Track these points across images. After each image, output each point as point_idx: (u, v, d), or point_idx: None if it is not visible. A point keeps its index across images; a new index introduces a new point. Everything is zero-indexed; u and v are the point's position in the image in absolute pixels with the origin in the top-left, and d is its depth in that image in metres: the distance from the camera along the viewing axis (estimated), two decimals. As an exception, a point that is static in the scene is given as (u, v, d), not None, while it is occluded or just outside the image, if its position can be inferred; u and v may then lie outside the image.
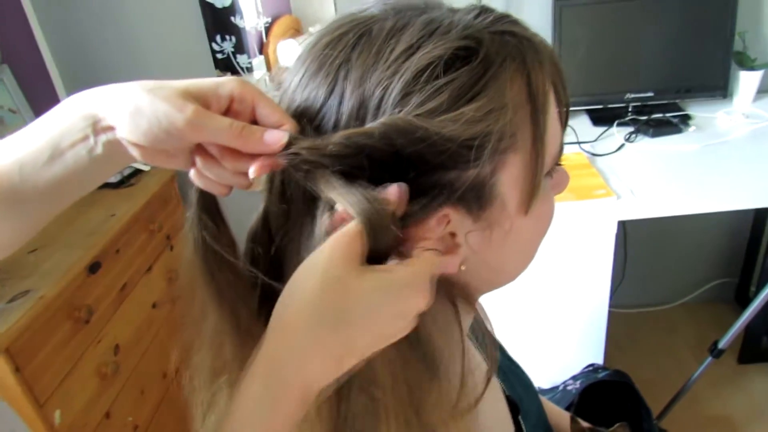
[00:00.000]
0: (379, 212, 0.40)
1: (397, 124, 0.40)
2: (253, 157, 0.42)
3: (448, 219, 0.44)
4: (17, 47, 1.85)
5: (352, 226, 0.40)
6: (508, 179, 0.45)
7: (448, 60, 0.41)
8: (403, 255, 0.42)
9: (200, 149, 0.44)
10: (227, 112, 0.43)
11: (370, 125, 0.41)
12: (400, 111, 0.41)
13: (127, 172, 1.85)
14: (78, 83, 2.02)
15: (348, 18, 0.46)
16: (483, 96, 0.42)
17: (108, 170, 0.46)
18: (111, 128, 0.42)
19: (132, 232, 1.65)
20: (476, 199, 0.44)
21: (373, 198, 0.40)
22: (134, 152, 0.43)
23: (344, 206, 0.40)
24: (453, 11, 0.46)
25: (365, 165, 0.41)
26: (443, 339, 0.46)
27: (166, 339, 1.78)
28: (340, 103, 0.43)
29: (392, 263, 0.41)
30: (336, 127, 0.43)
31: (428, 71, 0.41)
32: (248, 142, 0.41)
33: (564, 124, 0.50)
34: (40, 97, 1.89)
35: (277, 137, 0.41)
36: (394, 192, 0.41)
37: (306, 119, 0.44)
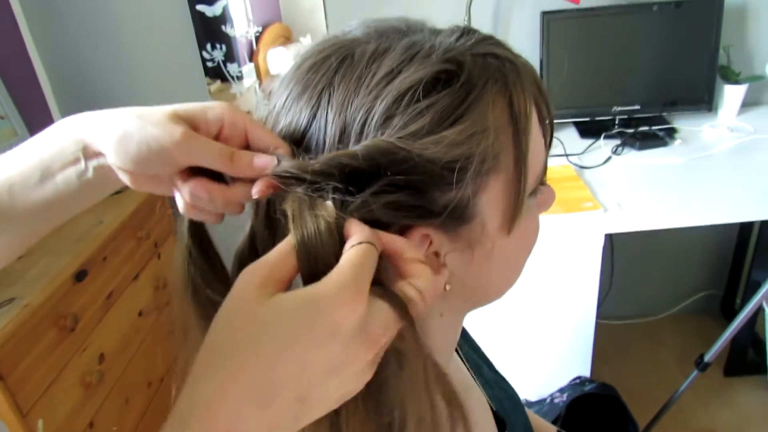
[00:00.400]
0: (316, 240, 0.38)
1: (379, 146, 0.40)
2: (245, 182, 0.43)
3: (430, 239, 0.44)
4: (6, 52, 1.85)
5: (274, 251, 0.38)
6: (490, 200, 0.45)
7: (429, 83, 0.41)
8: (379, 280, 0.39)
9: (190, 176, 0.44)
10: (218, 137, 0.43)
11: (354, 148, 0.41)
12: (382, 134, 0.41)
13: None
14: (68, 88, 2.02)
15: (331, 41, 0.46)
16: (465, 119, 0.42)
17: (98, 193, 0.46)
18: (101, 154, 0.42)
19: (120, 239, 1.64)
20: (456, 220, 0.44)
21: (318, 226, 0.38)
22: (124, 178, 0.43)
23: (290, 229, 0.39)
24: (435, 33, 0.46)
25: (348, 184, 0.41)
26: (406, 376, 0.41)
27: (151, 347, 1.76)
28: (324, 126, 0.43)
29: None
30: (321, 149, 0.43)
31: (409, 94, 0.41)
32: (237, 167, 0.41)
33: (548, 144, 0.50)
34: (29, 104, 1.88)
35: (265, 161, 0.41)
36: (356, 236, 0.38)
37: (291, 141, 0.45)
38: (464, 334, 0.79)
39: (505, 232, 0.47)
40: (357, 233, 0.38)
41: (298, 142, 0.44)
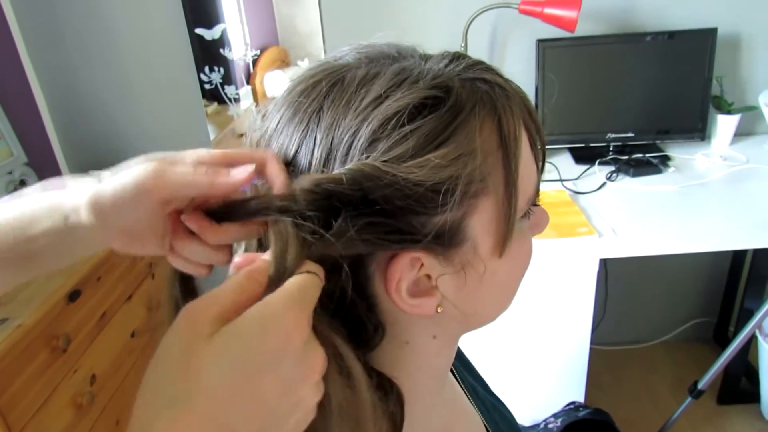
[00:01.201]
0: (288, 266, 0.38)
1: (363, 170, 0.40)
2: (229, 230, 0.43)
3: (421, 262, 0.44)
4: (3, 72, 1.85)
5: (227, 288, 0.37)
6: (480, 223, 0.45)
7: (415, 108, 0.42)
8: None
9: (174, 225, 0.44)
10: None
11: (338, 171, 0.41)
12: (367, 157, 0.41)
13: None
14: (65, 109, 2.02)
15: (323, 66, 0.47)
16: (451, 142, 0.42)
17: (81, 252, 0.46)
18: (80, 223, 0.43)
19: (114, 259, 1.64)
20: (447, 243, 0.44)
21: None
22: (106, 242, 0.44)
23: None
24: (425, 59, 0.47)
25: (331, 208, 0.41)
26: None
27: (143, 369, 1.74)
28: (312, 149, 0.43)
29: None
30: (307, 172, 0.44)
31: (395, 119, 0.41)
32: (215, 180, 0.41)
33: (540, 167, 0.50)
34: (26, 124, 1.89)
35: (243, 170, 0.41)
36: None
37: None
38: (460, 356, 0.79)
39: (497, 254, 0.47)
40: (307, 264, 0.39)
41: (288, 164, 0.44)
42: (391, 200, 0.41)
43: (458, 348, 0.71)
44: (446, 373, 0.59)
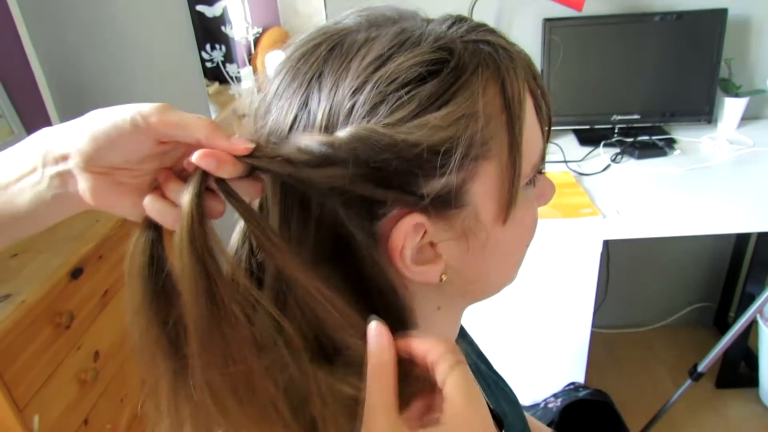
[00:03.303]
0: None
1: (361, 134, 0.40)
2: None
3: (424, 229, 0.44)
4: (3, 51, 1.84)
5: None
6: (482, 188, 0.45)
7: (417, 70, 0.41)
8: None
9: (167, 173, 0.42)
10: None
11: (336, 135, 0.40)
12: (368, 121, 0.41)
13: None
14: (65, 87, 2.01)
15: (322, 30, 0.46)
16: (452, 103, 0.41)
17: (51, 213, 0.43)
18: (63, 157, 0.40)
19: (115, 238, 1.64)
20: (448, 209, 0.44)
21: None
22: (84, 184, 0.40)
23: None
24: (427, 21, 0.46)
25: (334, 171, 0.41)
26: None
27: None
28: (312, 112, 0.43)
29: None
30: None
31: (396, 82, 0.41)
32: (216, 133, 0.40)
33: (546, 133, 0.50)
34: (26, 102, 1.87)
35: (243, 141, 0.40)
36: None
37: (282, 129, 0.44)
38: (463, 334, 0.79)
39: (500, 222, 0.47)
40: (439, 356, 0.40)
41: (289, 129, 0.44)
42: (390, 162, 0.40)
43: (461, 326, 0.71)
44: None
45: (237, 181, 0.41)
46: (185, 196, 0.38)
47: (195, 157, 0.38)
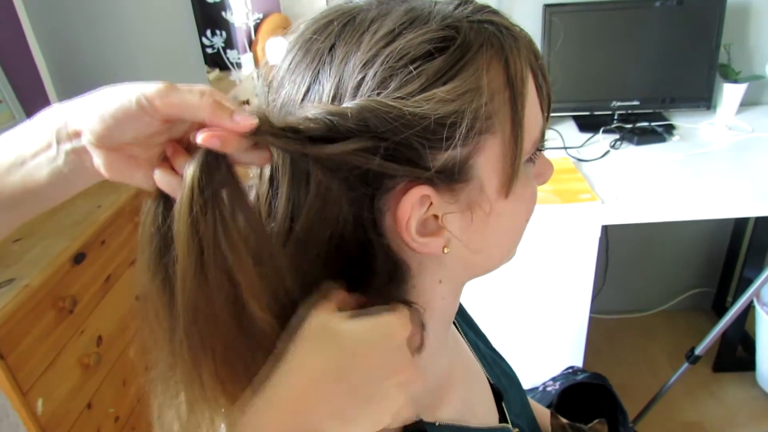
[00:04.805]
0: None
1: (370, 105, 0.41)
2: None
3: (430, 201, 0.45)
4: (3, 36, 1.83)
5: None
6: (486, 162, 0.47)
7: (426, 47, 0.43)
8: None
9: (175, 145, 0.43)
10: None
11: (345, 106, 0.42)
12: (378, 95, 0.42)
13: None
14: (65, 72, 2.01)
15: (335, 8, 0.48)
16: (457, 78, 0.43)
17: (69, 184, 0.44)
18: (76, 134, 0.41)
19: (117, 223, 1.64)
20: (454, 181, 0.46)
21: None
22: (98, 159, 0.41)
23: None
24: (434, 2, 0.48)
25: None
26: None
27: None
28: (323, 84, 0.44)
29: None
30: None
31: (406, 57, 0.42)
32: (218, 114, 0.40)
33: (546, 112, 0.51)
34: (27, 88, 1.87)
35: (247, 118, 0.40)
36: None
37: (293, 102, 0.46)
38: (462, 313, 0.81)
39: (503, 195, 0.49)
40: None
41: (301, 101, 0.45)
42: (398, 134, 0.42)
43: (461, 305, 0.72)
44: (450, 320, 0.61)
45: (244, 152, 0.41)
46: (188, 170, 0.39)
47: (199, 138, 0.39)
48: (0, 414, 1.21)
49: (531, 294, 1.68)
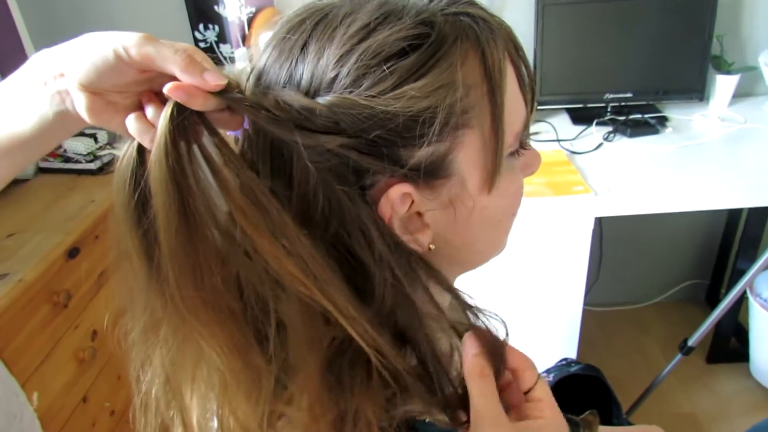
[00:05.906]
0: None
1: (341, 103, 0.41)
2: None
3: (411, 198, 0.45)
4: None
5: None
6: (467, 157, 0.46)
7: (400, 45, 0.43)
8: None
9: (150, 93, 0.45)
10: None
11: (317, 100, 0.42)
12: (350, 92, 0.42)
13: (106, 159, 1.83)
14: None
15: (308, 6, 0.48)
16: (430, 75, 0.43)
17: (55, 131, 0.46)
18: (61, 75, 0.43)
19: (111, 218, 1.64)
20: (434, 177, 0.46)
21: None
22: (79, 102, 0.43)
23: None
24: None
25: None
26: None
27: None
28: (297, 79, 0.44)
29: None
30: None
31: (380, 56, 0.42)
32: (189, 69, 0.41)
33: (530, 103, 0.51)
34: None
35: (217, 77, 0.41)
36: None
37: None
38: None
39: (485, 190, 0.48)
40: (530, 366, 0.50)
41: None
42: (370, 131, 0.42)
43: None
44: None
45: (215, 113, 0.43)
46: (161, 120, 0.41)
47: (166, 89, 0.40)
48: (15, 412, 1.21)
49: (525, 286, 1.68)
